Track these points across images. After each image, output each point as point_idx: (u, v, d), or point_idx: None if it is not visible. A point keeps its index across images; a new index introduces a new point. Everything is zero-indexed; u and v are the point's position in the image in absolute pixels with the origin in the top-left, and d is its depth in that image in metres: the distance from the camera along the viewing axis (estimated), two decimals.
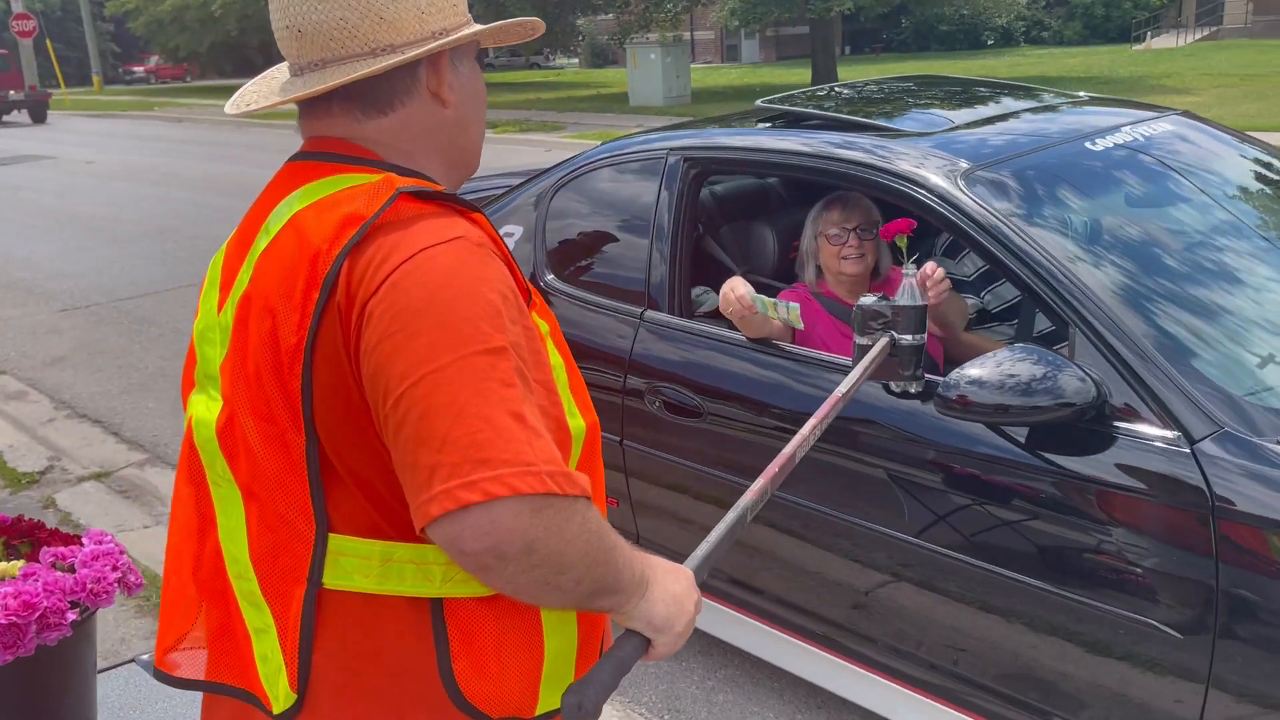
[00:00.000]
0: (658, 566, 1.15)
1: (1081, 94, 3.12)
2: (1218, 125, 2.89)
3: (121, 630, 3.25)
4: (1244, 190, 2.59)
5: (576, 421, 1.16)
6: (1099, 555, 1.90)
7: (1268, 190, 2.66)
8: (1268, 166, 2.74)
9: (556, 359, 1.17)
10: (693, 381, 2.59)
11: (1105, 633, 1.90)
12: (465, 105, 1.22)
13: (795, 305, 2.33)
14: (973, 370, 1.96)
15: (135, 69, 52.66)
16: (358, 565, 1.08)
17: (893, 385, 2.20)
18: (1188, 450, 1.82)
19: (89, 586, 1.82)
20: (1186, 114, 2.89)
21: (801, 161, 2.55)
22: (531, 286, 1.17)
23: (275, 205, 1.16)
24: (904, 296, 2.13)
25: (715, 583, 2.60)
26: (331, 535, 1.08)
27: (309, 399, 1.04)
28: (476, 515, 0.93)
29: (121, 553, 1.89)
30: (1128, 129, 2.60)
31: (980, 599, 2.08)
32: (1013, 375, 1.92)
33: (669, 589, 1.14)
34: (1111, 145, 2.48)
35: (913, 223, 2.29)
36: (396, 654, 1.10)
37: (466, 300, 0.99)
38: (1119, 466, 1.88)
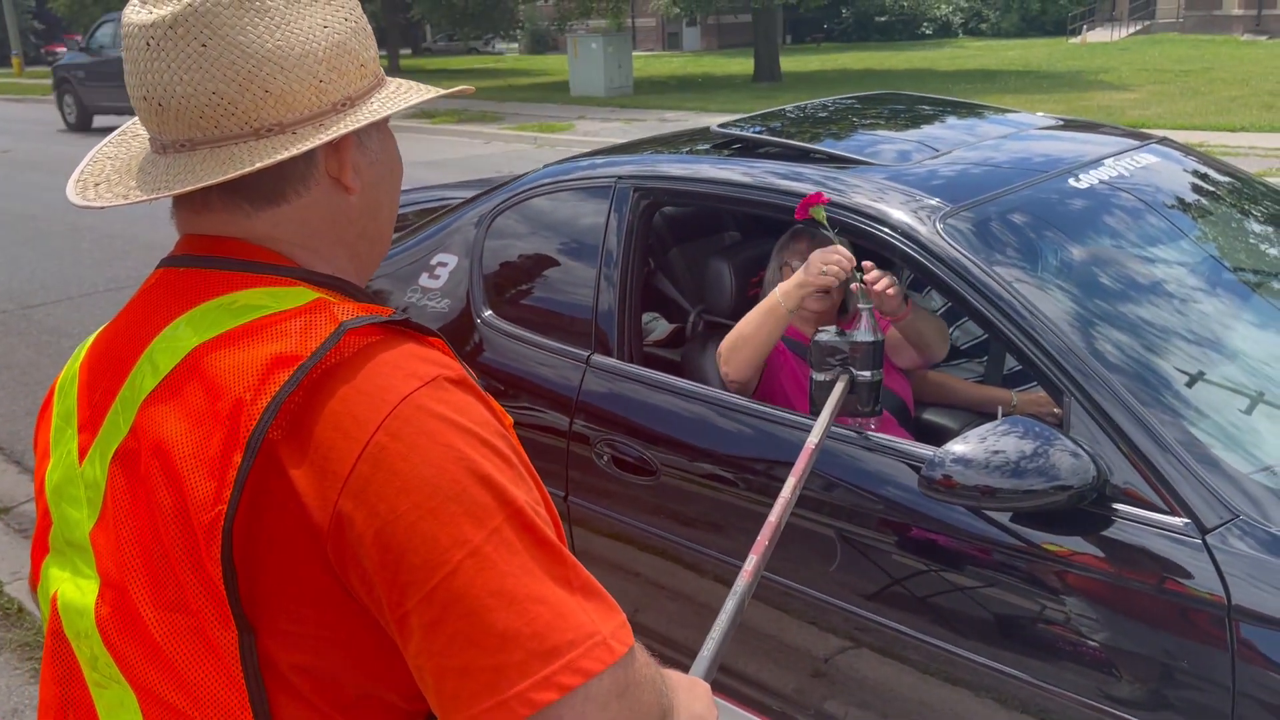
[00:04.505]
0: (677, 687, 1.01)
1: (1053, 118, 2.94)
2: (1198, 155, 2.73)
3: (14, 699, 2.94)
4: (1245, 237, 2.42)
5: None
6: (1097, 652, 1.71)
7: (1270, 233, 2.49)
8: (1258, 202, 2.58)
9: None
10: (645, 433, 2.36)
11: None
12: (376, 188, 1.00)
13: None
14: (959, 447, 1.76)
15: (58, 50, 50.79)
16: None
17: (851, 421, 2.10)
18: (1198, 540, 1.64)
19: None
20: (1165, 142, 2.72)
21: (768, 199, 2.33)
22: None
23: (157, 329, 0.92)
24: (862, 331, 2.04)
25: (672, 654, 2.38)
26: None
27: (234, 585, 0.83)
28: (559, 713, 0.81)
29: None
30: (1111, 162, 2.41)
31: (966, 688, 1.88)
32: (998, 452, 1.74)
33: (692, 710, 1.04)
34: (1096, 182, 2.30)
35: (822, 194, 2.16)
36: None
37: (475, 458, 0.84)
38: (1121, 554, 1.69)
